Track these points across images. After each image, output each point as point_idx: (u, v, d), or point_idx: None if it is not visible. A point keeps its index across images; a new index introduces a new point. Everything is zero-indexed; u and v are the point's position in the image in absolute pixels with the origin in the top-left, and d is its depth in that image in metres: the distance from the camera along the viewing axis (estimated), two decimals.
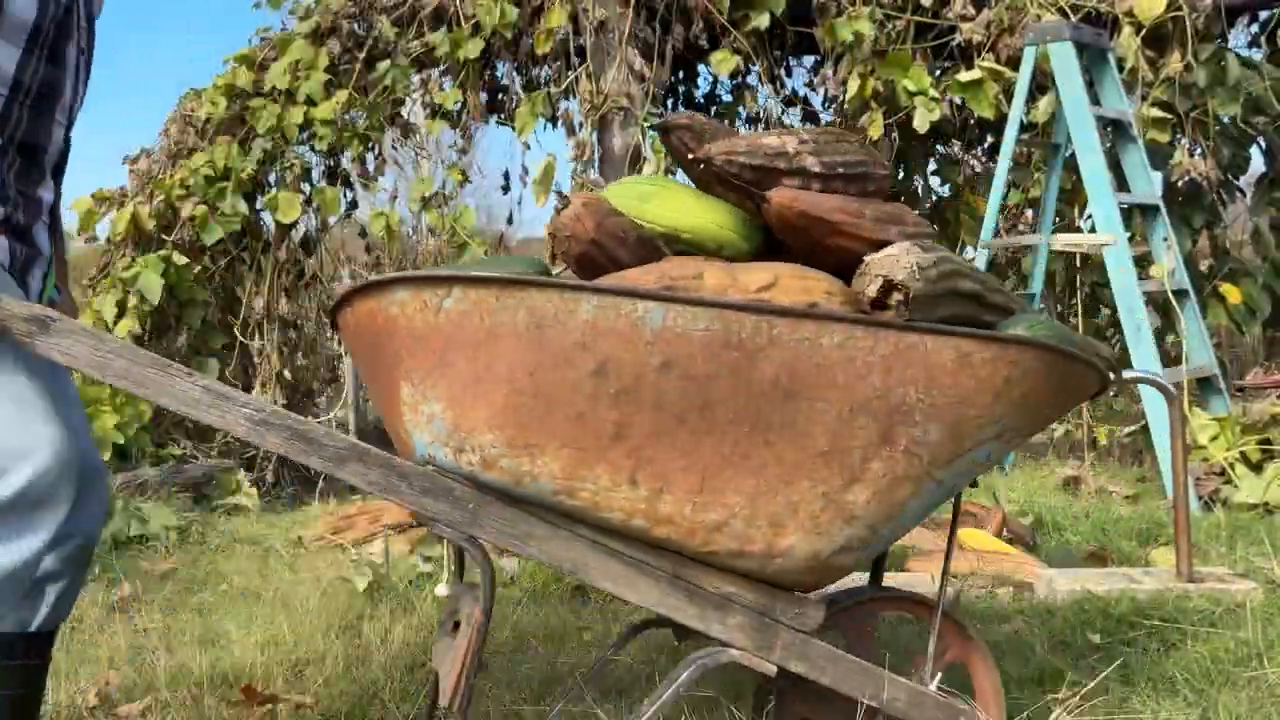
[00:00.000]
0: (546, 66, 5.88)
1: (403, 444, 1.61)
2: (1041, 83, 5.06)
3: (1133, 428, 5.15)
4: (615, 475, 1.51)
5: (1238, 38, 6.04)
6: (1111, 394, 6.24)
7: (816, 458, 1.52)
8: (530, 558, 1.57)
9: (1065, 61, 4.59)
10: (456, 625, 1.66)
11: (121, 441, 4.85)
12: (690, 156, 1.71)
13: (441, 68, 5.90)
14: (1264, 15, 5.68)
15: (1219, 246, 5.74)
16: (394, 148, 6.42)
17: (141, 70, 45.15)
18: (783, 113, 6.26)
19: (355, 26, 5.92)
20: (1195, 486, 4.12)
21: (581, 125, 5.28)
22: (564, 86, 5.41)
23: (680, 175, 3.85)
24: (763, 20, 5.30)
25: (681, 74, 7.07)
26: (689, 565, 1.57)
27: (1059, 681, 2.13)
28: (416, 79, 6.04)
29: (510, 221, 8.36)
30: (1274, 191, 5.68)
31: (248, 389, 5.66)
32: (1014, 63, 4.99)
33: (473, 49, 5.50)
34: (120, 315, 5.46)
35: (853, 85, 5.18)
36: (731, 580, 1.58)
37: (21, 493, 1.48)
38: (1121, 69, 4.93)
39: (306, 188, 5.98)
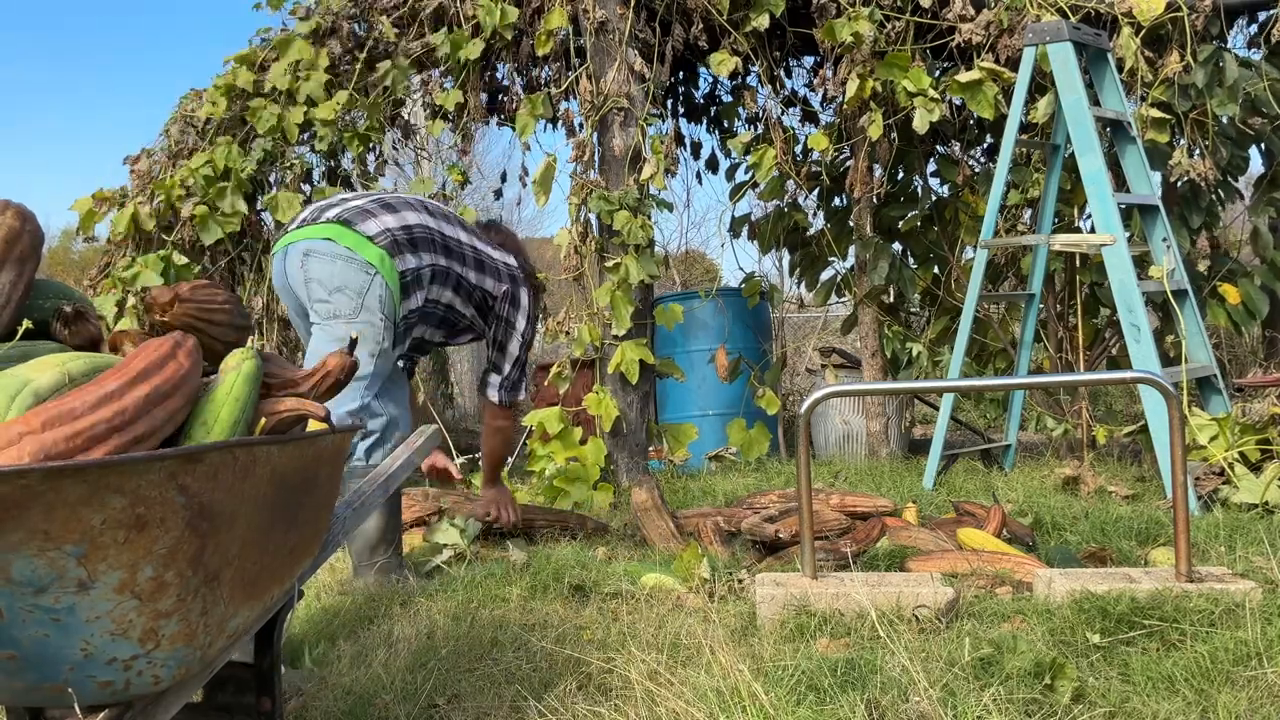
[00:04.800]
0: (546, 67, 5.88)
1: None
2: (1041, 83, 5.07)
3: (1132, 428, 5.16)
4: None
5: (1236, 38, 6.06)
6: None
7: None
8: None
9: (1064, 62, 4.60)
10: None
11: None
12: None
13: (442, 68, 5.91)
14: (1263, 15, 5.69)
15: (1218, 247, 5.76)
16: (394, 148, 6.43)
17: (142, 70, 45.12)
18: (782, 113, 6.27)
19: (356, 27, 5.92)
20: (1194, 486, 4.13)
21: (581, 126, 5.28)
22: (564, 87, 5.41)
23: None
24: (762, 21, 5.31)
25: (681, 74, 7.09)
26: None
27: (1060, 673, 2.13)
28: (417, 79, 6.05)
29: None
30: (1272, 192, 5.69)
31: None
32: (1013, 63, 5.00)
33: (473, 50, 5.50)
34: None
35: (852, 86, 5.19)
36: None
37: None
38: (1121, 69, 4.94)
39: (307, 188, 5.99)
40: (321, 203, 3.51)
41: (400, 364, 3.57)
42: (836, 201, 6.48)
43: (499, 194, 6.85)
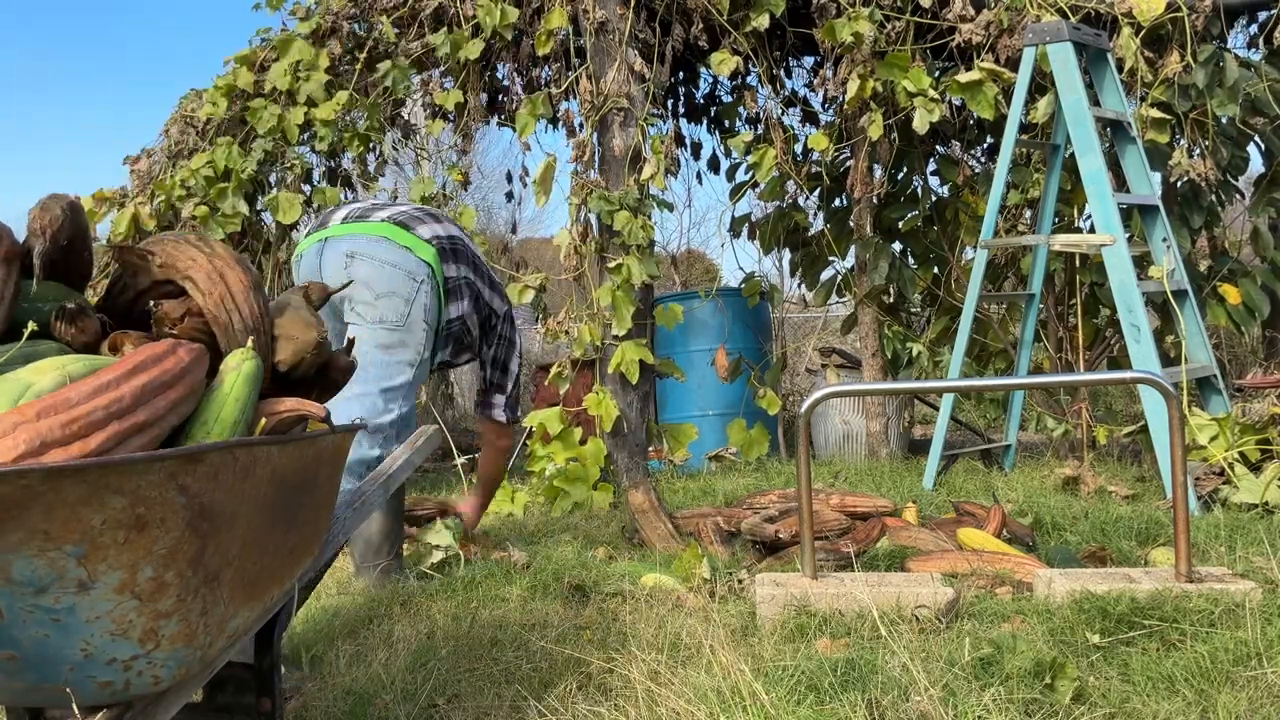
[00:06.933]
0: (546, 67, 5.88)
1: None
2: (1041, 83, 5.07)
3: (1132, 428, 5.15)
4: None
5: (1236, 38, 6.05)
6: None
7: None
8: None
9: (1064, 62, 4.60)
10: None
11: None
12: None
13: (442, 68, 5.91)
14: (1263, 15, 5.69)
15: (1218, 247, 5.76)
16: (394, 148, 6.43)
17: (143, 70, 45.10)
18: (783, 113, 6.27)
19: (356, 27, 5.92)
20: (1194, 486, 4.13)
21: (582, 126, 5.28)
22: (564, 87, 5.41)
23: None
24: (762, 21, 5.31)
25: (681, 74, 7.09)
26: None
27: (1060, 673, 2.13)
28: (417, 80, 6.05)
29: (515, 230, 8.40)
30: (1272, 192, 5.69)
31: None
32: (1013, 63, 5.00)
33: (473, 50, 5.50)
34: None
35: (852, 86, 5.19)
36: None
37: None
38: (1121, 69, 4.94)
39: (307, 188, 5.98)
40: (363, 203, 3.62)
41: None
42: (837, 201, 6.48)
43: (510, 195, 6.83)
